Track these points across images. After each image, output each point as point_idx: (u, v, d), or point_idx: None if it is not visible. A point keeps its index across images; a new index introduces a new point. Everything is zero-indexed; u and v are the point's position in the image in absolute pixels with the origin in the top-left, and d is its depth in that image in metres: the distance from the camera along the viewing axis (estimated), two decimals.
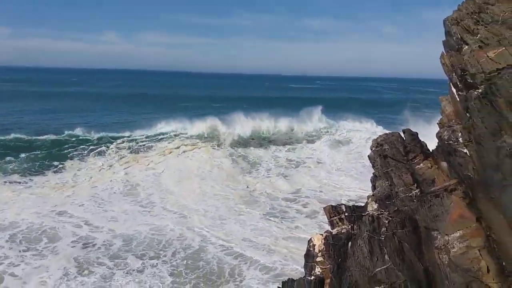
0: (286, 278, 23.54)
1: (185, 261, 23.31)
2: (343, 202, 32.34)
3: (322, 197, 34.62)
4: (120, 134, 46.33)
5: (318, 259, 11.93)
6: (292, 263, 22.87)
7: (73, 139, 44.69)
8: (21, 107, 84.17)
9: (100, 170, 39.08)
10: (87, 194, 34.04)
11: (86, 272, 22.31)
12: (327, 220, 13.08)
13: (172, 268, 22.62)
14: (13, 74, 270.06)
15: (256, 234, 27.06)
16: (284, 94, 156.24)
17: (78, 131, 46.60)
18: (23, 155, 40.03)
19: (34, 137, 45.37)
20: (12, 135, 44.05)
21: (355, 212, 12.90)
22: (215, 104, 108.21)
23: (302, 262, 25.26)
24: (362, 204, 14.52)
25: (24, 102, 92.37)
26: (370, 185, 20.00)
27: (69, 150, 42.45)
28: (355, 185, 37.12)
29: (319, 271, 15.07)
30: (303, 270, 24.31)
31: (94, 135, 45.70)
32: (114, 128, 48.94)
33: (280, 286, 15.81)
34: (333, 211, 12.88)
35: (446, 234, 12.18)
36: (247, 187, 36.88)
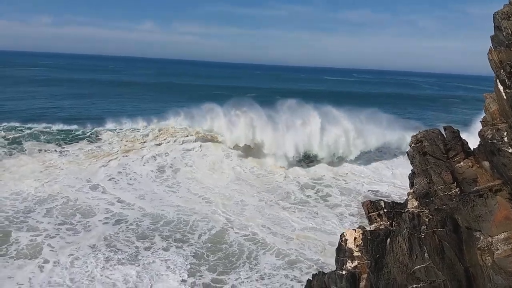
0: (298, 265, 24.47)
1: (208, 244, 24.43)
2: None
3: (343, 186, 35.15)
4: (153, 119, 47.52)
5: (355, 254, 11.92)
6: (308, 252, 23.70)
7: (109, 120, 46.70)
8: (61, 91, 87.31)
9: (132, 146, 40.73)
10: (118, 166, 36.39)
11: (114, 249, 23.95)
12: (347, 213, 12.99)
13: (195, 249, 23.74)
14: (54, 60, 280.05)
15: (276, 222, 27.95)
16: (320, 86, 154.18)
17: (114, 115, 47.98)
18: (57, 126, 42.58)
19: (72, 121, 47.65)
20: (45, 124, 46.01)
21: (394, 209, 12.78)
22: (249, 94, 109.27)
23: (316, 251, 26.14)
24: (399, 200, 14.36)
25: (64, 87, 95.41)
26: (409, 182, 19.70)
27: (103, 127, 44.53)
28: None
29: (350, 266, 15.10)
30: (317, 260, 25.26)
31: (128, 120, 47.00)
32: (148, 114, 49.98)
33: (310, 278, 15.94)
34: (372, 207, 12.80)
35: (490, 236, 11.89)
36: (271, 174, 37.60)
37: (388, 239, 11.67)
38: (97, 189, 31.96)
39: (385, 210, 12.63)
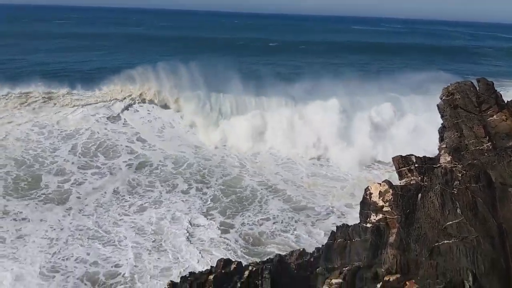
0: (303, 210, 25.63)
1: (224, 186, 28.09)
2: None
3: None
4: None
5: (385, 208, 11.74)
6: (314, 199, 26.54)
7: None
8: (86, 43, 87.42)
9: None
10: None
11: (136, 191, 26.62)
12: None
13: (213, 191, 27.22)
14: (78, 13, 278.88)
15: (287, 169, 30.72)
16: (348, 37, 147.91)
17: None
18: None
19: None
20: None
21: (425, 164, 12.38)
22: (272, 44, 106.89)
23: (323, 199, 27.04)
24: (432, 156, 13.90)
25: (88, 41, 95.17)
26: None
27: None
28: None
29: (375, 219, 15.04)
30: (322, 205, 26.25)
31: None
32: None
33: (335, 230, 16.05)
34: (402, 161, 12.45)
35: None
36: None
37: (419, 195, 11.40)
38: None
39: (416, 165, 12.26)
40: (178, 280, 16.28)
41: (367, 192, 16.75)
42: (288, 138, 35.03)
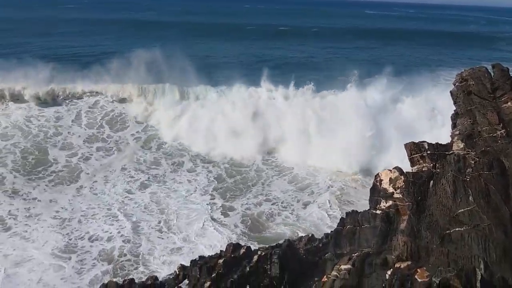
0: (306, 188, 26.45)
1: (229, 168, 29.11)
2: None
3: None
4: None
5: (395, 195, 11.66)
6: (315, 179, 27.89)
7: None
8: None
9: None
10: None
11: (142, 170, 27.87)
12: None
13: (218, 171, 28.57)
14: None
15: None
16: (362, 23, 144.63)
17: None
18: None
19: None
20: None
21: (438, 150, 12.22)
22: (283, 28, 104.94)
23: (324, 177, 27.37)
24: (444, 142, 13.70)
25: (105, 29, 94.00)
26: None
27: None
28: None
29: (384, 206, 14.96)
30: (324, 182, 26.62)
31: None
32: None
33: (344, 216, 16.04)
34: (414, 148, 12.30)
35: None
36: None
37: (431, 182, 11.28)
38: None
39: (428, 152, 12.11)
40: (188, 263, 16.50)
41: (377, 179, 16.66)
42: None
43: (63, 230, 21.30)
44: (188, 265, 16.43)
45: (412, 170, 12.13)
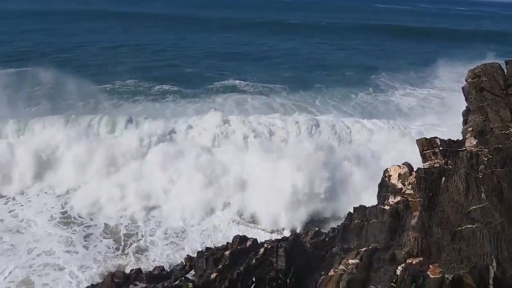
0: None
1: None
2: None
3: None
4: None
5: (407, 191, 11.57)
6: None
7: None
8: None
9: None
10: None
11: None
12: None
13: None
14: None
15: None
16: (374, 19, 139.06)
17: None
18: None
19: None
20: None
21: (450, 147, 12.08)
22: (293, 21, 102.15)
23: None
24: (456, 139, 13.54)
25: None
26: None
27: None
28: None
29: (393, 201, 14.88)
30: None
31: None
32: None
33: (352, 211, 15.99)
34: (427, 144, 12.16)
35: None
36: None
37: (443, 178, 11.16)
38: None
39: (440, 148, 11.97)
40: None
41: (386, 174, 16.57)
42: None
43: None
44: (195, 256, 16.51)
45: (423, 166, 12.01)
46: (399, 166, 16.50)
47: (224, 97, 37.20)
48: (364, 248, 13.71)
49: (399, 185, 15.94)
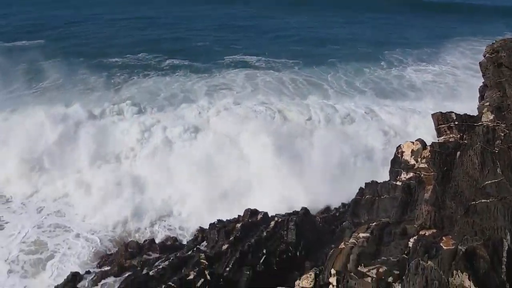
0: None
1: None
2: None
3: None
4: None
5: (421, 165, 11.50)
6: None
7: None
8: None
9: None
10: None
11: None
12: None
13: None
14: None
15: None
16: None
17: None
18: None
19: None
20: None
21: (466, 122, 11.92)
22: None
23: None
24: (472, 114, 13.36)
25: None
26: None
27: None
28: None
29: (405, 177, 14.84)
30: None
31: None
32: None
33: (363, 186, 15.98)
34: (442, 119, 12.01)
35: None
36: None
37: (458, 153, 11.05)
38: None
39: (456, 123, 11.82)
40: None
41: (399, 151, 16.48)
42: None
43: None
44: (207, 228, 16.76)
45: (438, 140, 11.88)
46: (412, 142, 16.39)
47: (235, 72, 36.64)
48: (375, 222, 13.76)
49: (412, 162, 15.86)
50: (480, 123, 11.71)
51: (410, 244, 9.50)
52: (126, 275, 14.18)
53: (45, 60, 35.44)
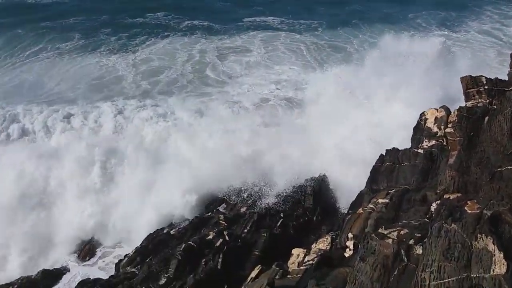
0: None
1: None
2: None
3: None
4: None
5: (447, 130, 11.17)
6: None
7: None
8: None
9: None
10: None
11: None
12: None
13: None
14: None
15: None
16: None
17: None
18: None
19: None
20: None
21: (496, 86, 11.44)
22: None
23: None
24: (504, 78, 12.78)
25: None
26: None
27: None
28: None
29: (427, 145, 14.54)
30: None
31: None
32: None
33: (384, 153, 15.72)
34: (471, 82, 11.54)
35: None
36: None
37: (486, 118, 10.66)
38: None
39: (486, 87, 11.35)
40: None
41: (422, 118, 16.08)
42: None
43: None
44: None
45: (466, 105, 11.48)
46: (436, 109, 15.93)
47: (253, 34, 35.92)
48: (394, 189, 13.60)
49: (435, 129, 15.48)
50: (511, 88, 11.22)
51: (432, 209, 9.35)
52: (148, 233, 14.52)
53: (68, 18, 35.28)
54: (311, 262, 10.65)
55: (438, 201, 9.08)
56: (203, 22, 37.87)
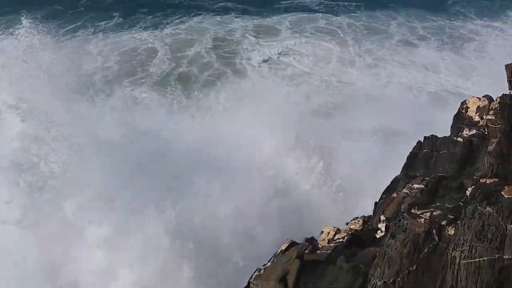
0: None
1: None
2: None
3: None
4: None
5: (489, 117, 11.01)
6: None
7: None
8: None
9: None
10: None
11: None
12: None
13: None
14: None
15: None
16: None
17: None
18: None
19: None
20: None
21: None
22: None
23: None
24: None
25: None
26: None
27: None
28: None
29: (467, 134, 14.31)
30: None
31: None
32: None
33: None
34: None
35: None
36: None
37: None
38: None
39: None
40: None
41: (463, 106, 15.80)
42: None
43: None
44: None
45: (510, 92, 11.22)
46: (479, 98, 15.62)
47: (285, 16, 35.75)
48: (431, 176, 13.53)
49: (476, 118, 15.21)
50: None
51: (468, 193, 9.35)
52: None
53: None
54: (341, 240, 10.89)
55: (473, 187, 9.05)
56: (238, 5, 37.80)
